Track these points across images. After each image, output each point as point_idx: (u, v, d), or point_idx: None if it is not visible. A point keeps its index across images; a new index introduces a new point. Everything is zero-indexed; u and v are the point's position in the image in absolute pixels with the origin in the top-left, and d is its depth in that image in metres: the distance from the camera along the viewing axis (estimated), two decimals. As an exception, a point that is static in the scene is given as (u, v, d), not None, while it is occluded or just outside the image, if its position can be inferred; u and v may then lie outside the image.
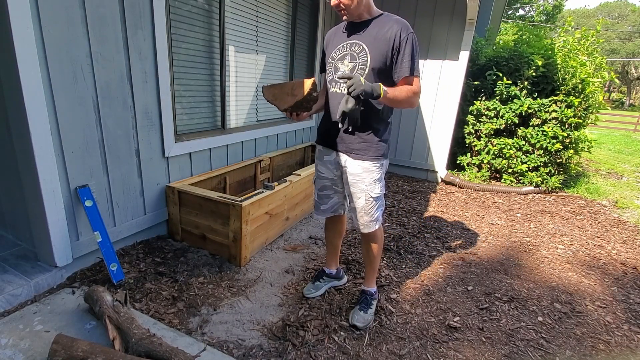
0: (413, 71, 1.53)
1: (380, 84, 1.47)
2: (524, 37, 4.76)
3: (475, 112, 4.50)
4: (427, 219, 3.35)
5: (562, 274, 2.52)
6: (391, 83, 1.58)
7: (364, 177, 1.67)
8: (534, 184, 4.35)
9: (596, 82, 4.30)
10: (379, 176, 1.69)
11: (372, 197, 1.69)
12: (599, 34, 4.68)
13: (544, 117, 4.16)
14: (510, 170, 4.47)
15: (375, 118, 1.63)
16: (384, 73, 1.57)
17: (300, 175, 2.89)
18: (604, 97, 4.63)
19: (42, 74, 1.66)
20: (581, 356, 1.75)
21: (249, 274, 2.20)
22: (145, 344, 1.38)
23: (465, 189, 4.42)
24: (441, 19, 4.18)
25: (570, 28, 5.11)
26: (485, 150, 4.53)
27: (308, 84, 1.51)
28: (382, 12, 1.63)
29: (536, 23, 21.61)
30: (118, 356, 1.32)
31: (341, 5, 1.53)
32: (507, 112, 4.26)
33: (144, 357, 1.36)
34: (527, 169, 4.33)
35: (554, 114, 4.11)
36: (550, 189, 4.39)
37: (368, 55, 1.55)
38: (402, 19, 1.57)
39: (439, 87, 4.38)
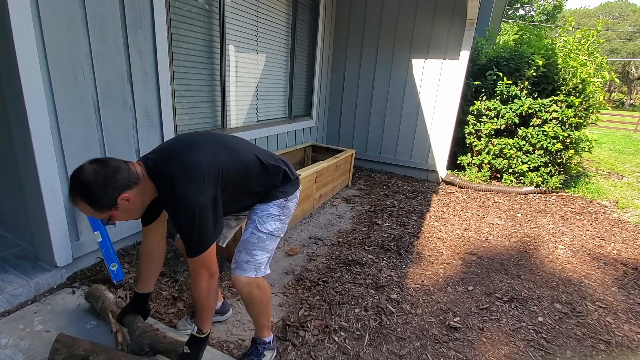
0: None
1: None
2: (524, 37, 4.75)
3: (475, 112, 4.50)
4: (427, 219, 3.35)
5: (563, 274, 2.52)
6: None
7: (258, 207, 1.42)
8: (535, 184, 4.34)
9: (597, 82, 4.30)
10: (277, 213, 1.42)
11: (261, 232, 1.37)
12: (599, 34, 4.67)
13: (545, 117, 4.15)
14: (510, 170, 4.47)
15: (251, 197, 1.41)
16: None
17: (300, 175, 2.88)
18: (604, 97, 4.63)
19: (42, 73, 1.65)
20: (582, 356, 1.75)
21: (249, 274, 2.20)
22: (149, 337, 1.37)
23: (465, 189, 4.41)
24: (441, 18, 4.18)
25: (570, 28, 5.10)
26: (486, 150, 4.52)
27: None
28: None
29: (536, 23, 21.62)
30: (119, 355, 1.32)
31: None
32: (507, 112, 4.25)
33: (148, 350, 1.36)
34: (527, 169, 4.33)
35: (554, 114, 4.11)
36: (550, 189, 4.38)
37: None
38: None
39: (439, 86, 4.38)
